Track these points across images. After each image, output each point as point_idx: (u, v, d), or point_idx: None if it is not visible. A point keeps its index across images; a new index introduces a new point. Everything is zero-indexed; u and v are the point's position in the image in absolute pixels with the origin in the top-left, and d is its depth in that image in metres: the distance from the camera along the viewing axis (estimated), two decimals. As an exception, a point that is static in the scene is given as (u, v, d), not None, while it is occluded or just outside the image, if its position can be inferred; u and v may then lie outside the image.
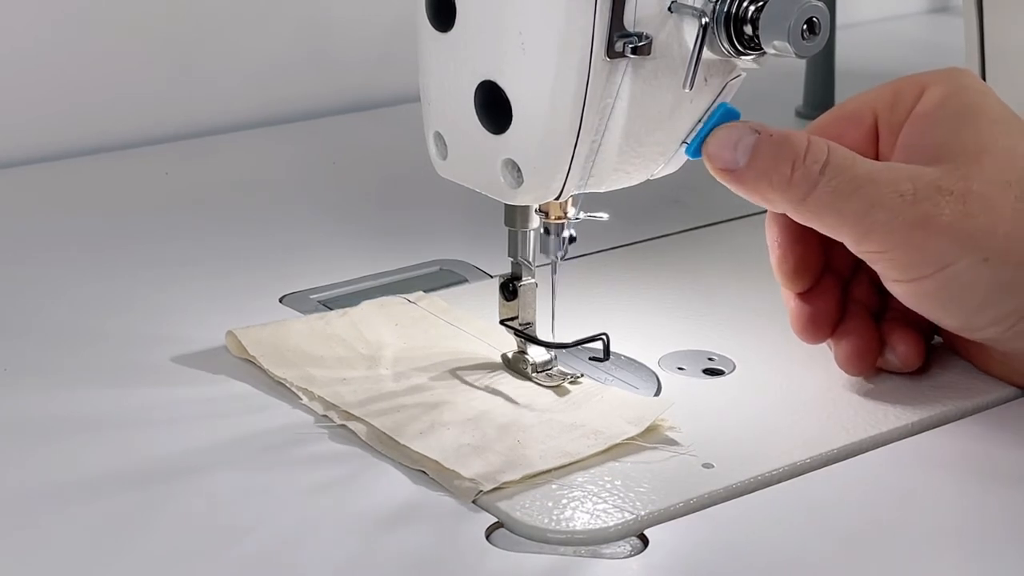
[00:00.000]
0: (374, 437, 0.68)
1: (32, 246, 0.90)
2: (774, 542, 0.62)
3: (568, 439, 0.67)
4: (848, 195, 0.67)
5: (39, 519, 0.62)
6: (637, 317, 0.80)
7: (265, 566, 0.60)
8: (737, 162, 0.67)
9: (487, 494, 0.63)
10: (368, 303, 0.79)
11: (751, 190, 0.68)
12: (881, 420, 0.70)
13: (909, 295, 0.69)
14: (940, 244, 0.67)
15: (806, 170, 0.67)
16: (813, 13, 0.64)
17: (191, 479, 0.65)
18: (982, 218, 0.67)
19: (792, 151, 0.67)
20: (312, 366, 0.73)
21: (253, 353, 0.74)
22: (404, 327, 0.77)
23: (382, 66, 1.17)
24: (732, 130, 0.68)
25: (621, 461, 0.66)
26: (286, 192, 0.99)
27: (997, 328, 0.69)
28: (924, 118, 0.70)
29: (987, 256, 0.67)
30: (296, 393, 0.71)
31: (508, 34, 0.64)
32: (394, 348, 0.75)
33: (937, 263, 0.67)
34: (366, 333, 0.76)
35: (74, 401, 0.71)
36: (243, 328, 0.75)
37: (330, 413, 0.69)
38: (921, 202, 0.67)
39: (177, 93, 1.10)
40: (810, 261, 0.73)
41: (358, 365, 0.73)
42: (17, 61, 1.04)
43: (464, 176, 0.69)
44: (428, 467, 0.65)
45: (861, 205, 0.67)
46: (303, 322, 0.77)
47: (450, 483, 0.64)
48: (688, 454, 0.67)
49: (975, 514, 0.64)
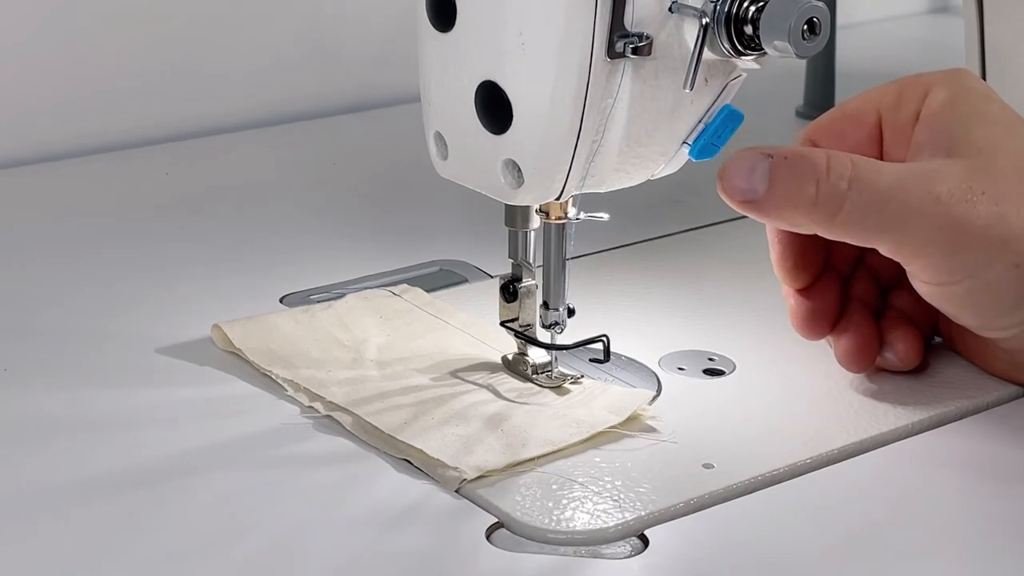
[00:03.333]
0: (359, 428, 0.68)
1: (32, 246, 0.90)
2: (774, 542, 0.62)
3: (551, 428, 0.68)
4: (880, 207, 0.65)
5: (39, 519, 0.62)
6: (637, 317, 0.80)
7: (265, 566, 0.60)
8: (756, 191, 0.66)
9: (471, 482, 0.64)
10: (352, 296, 0.80)
11: (776, 217, 0.67)
12: (881, 420, 0.70)
13: (937, 297, 0.68)
14: (976, 249, 0.66)
15: (832, 187, 0.65)
16: (813, 13, 0.64)
17: (192, 479, 0.65)
18: (1012, 219, 0.66)
19: (813, 169, 0.66)
20: (297, 358, 0.73)
21: (239, 346, 0.74)
22: (388, 319, 0.78)
23: (382, 66, 1.17)
24: (743, 159, 0.66)
25: (621, 461, 0.66)
26: (286, 192, 0.99)
27: (1018, 329, 0.69)
28: (933, 118, 0.69)
29: (1018, 261, 0.66)
30: (282, 385, 0.72)
31: (508, 34, 0.64)
32: (378, 340, 0.75)
33: (971, 269, 0.66)
34: (351, 325, 0.77)
35: (75, 401, 0.71)
36: (228, 321, 0.76)
37: (316, 405, 0.70)
38: (957, 203, 0.65)
39: (177, 93, 1.10)
40: (810, 257, 0.73)
41: (343, 357, 0.74)
42: (17, 61, 1.04)
43: (464, 176, 0.69)
44: (413, 456, 0.66)
45: (895, 215, 0.65)
46: (288, 315, 0.78)
47: (435, 472, 0.65)
48: (669, 441, 0.67)
49: (975, 514, 0.64)
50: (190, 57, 1.10)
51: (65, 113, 1.06)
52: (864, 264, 0.74)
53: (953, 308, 0.69)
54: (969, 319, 0.70)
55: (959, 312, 0.69)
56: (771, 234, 0.73)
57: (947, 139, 0.68)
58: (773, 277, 0.74)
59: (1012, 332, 0.69)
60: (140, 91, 1.08)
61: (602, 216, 0.71)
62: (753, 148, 0.67)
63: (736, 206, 0.67)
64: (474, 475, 0.64)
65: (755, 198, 0.66)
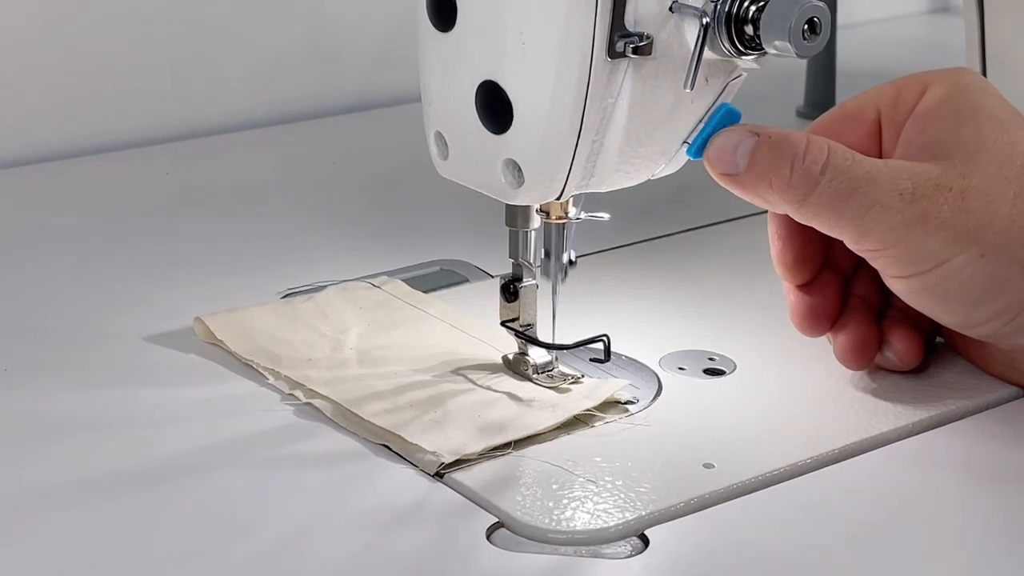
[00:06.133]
0: (340, 415, 0.69)
1: (32, 246, 0.90)
2: (775, 542, 0.62)
3: (527, 413, 0.69)
4: (848, 195, 0.67)
5: (39, 519, 0.62)
6: (637, 317, 0.80)
7: (265, 565, 0.60)
8: (737, 166, 0.67)
9: (450, 467, 0.65)
10: (332, 288, 0.81)
11: (751, 193, 0.68)
12: (881, 420, 0.70)
13: (908, 291, 0.69)
14: (937, 240, 0.67)
15: (805, 170, 0.67)
16: (814, 13, 0.64)
17: (192, 479, 0.65)
18: (980, 213, 0.67)
19: (791, 152, 0.67)
20: (278, 348, 0.74)
21: (220, 337, 0.75)
22: (368, 310, 0.79)
23: (382, 66, 1.17)
24: (732, 134, 0.68)
25: (622, 461, 0.66)
26: (286, 192, 0.99)
27: (996, 323, 0.69)
28: (924, 116, 0.70)
29: (984, 251, 0.67)
30: (263, 374, 0.73)
31: (509, 34, 0.64)
32: (358, 329, 0.76)
33: (934, 259, 0.67)
34: (331, 316, 0.78)
35: (75, 401, 0.71)
36: (210, 314, 0.77)
37: (296, 392, 0.71)
38: (920, 200, 0.67)
39: (177, 93, 1.10)
40: (810, 254, 0.73)
41: (323, 346, 0.75)
42: (17, 61, 1.04)
43: (465, 176, 0.69)
44: (392, 442, 0.67)
45: (860, 205, 0.67)
46: (269, 307, 0.79)
47: (413, 456, 0.66)
48: (643, 425, 0.68)
49: (976, 514, 0.64)
50: (190, 57, 1.10)
51: (65, 113, 1.06)
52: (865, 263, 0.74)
53: (926, 303, 0.69)
54: (946, 315, 0.70)
55: (932, 307, 0.70)
56: (771, 230, 0.73)
57: (933, 138, 0.69)
58: (773, 277, 0.74)
59: (993, 328, 0.69)
60: (140, 91, 1.08)
61: (602, 216, 0.71)
62: (744, 125, 0.68)
63: (718, 178, 0.68)
64: (451, 458, 0.65)
65: (735, 172, 0.67)
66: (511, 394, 0.71)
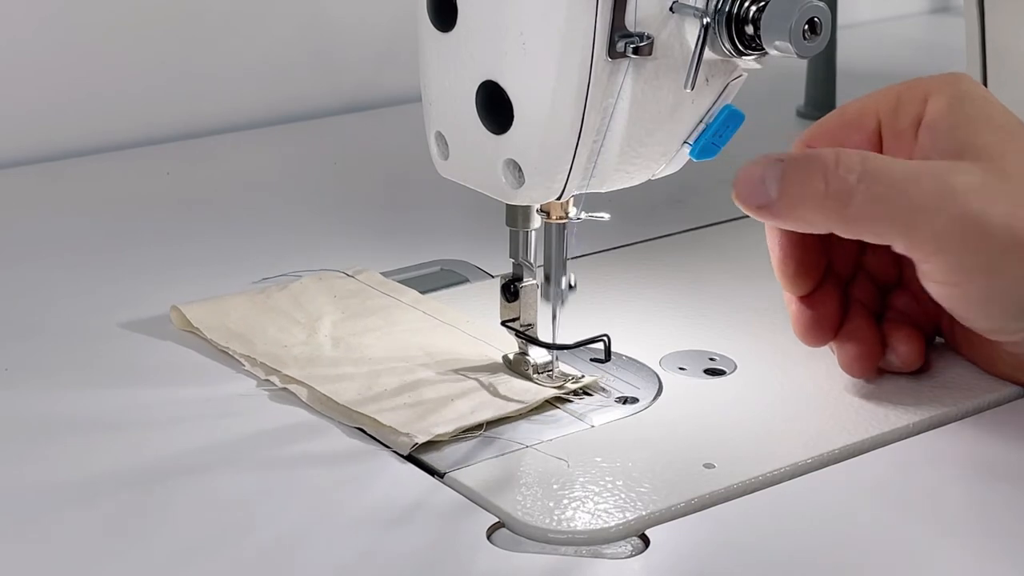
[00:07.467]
0: (315, 400, 0.70)
1: (32, 246, 0.90)
2: (775, 542, 0.62)
3: (498, 396, 0.70)
4: (892, 199, 0.65)
5: (40, 519, 0.62)
6: (638, 317, 0.80)
7: (266, 565, 0.60)
8: (769, 195, 0.66)
9: (422, 446, 0.66)
10: (308, 277, 0.82)
11: (791, 217, 0.67)
12: (882, 420, 0.70)
13: (949, 298, 0.68)
14: (992, 248, 0.65)
15: (840, 180, 0.65)
16: (814, 13, 0.64)
17: (192, 479, 0.65)
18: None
19: (821, 165, 0.66)
20: (254, 335, 0.76)
21: (197, 325, 0.77)
22: (342, 298, 0.80)
23: (382, 66, 1.17)
24: (754, 167, 0.67)
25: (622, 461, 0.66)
26: (286, 192, 0.99)
27: None
28: (939, 123, 0.69)
29: None
30: (239, 360, 0.74)
31: (509, 34, 0.64)
32: (332, 317, 0.78)
33: (985, 269, 0.66)
34: (305, 304, 0.79)
35: (76, 401, 0.71)
36: (187, 303, 0.78)
37: (272, 378, 0.72)
38: (976, 199, 0.65)
39: (177, 93, 1.10)
40: (811, 264, 0.72)
41: (298, 333, 0.76)
42: (17, 61, 1.04)
43: (465, 176, 0.69)
44: (366, 425, 0.68)
45: (907, 207, 0.65)
46: (245, 295, 0.80)
47: (387, 439, 0.67)
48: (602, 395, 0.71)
49: (977, 514, 0.64)
50: (190, 57, 1.10)
51: (65, 113, 1.06)
52: (863, 266, 0.74)
53: (964, 310, 0.68)
54: (981, 322, 0.69)
55: (970, 314, 0.69)
56: (771, 240, 0.72)
57: (955, 144, 0.68)
58: (774, 276, 0.74)
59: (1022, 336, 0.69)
60: (140, 91, 1.08)
61: (603, 216, 0.71)
62: (764, 156, 0.67)
63: (752, 213, 0.67)
64: (424, 439, 0.66)
65: (768, 202, 0.66)
66: (482, 381, 0.72)
